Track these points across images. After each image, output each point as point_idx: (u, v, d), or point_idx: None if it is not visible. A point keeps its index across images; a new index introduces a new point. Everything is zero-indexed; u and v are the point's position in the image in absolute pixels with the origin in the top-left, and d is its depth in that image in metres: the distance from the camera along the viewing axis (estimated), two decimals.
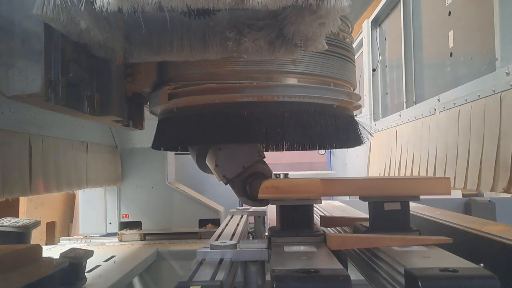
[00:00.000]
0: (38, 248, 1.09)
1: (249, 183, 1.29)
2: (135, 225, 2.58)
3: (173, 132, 1.26)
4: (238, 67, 1.18)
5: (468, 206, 2.36)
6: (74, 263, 1.39)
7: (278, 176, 1.56)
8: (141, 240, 2.49)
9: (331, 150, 4.47)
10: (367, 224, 1.12)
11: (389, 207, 1.05)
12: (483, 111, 1.57)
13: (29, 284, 1.00)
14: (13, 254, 0.99)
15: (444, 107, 1.93)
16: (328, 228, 1.37)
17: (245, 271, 1.06)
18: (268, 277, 1.08)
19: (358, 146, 1.37)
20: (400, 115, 2.59)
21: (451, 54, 1.99)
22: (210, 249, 1.06)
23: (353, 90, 1.38)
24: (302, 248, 0.99)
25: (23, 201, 2.67)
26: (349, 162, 4.18)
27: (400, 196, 1.06)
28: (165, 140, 1.32)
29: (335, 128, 1.21)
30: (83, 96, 1.08)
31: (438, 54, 2.15)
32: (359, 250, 1.07)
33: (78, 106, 1.06)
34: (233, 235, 1.39)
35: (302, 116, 1.16)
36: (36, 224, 1.50)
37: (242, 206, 1.98)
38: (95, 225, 2.54)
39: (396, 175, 2.48)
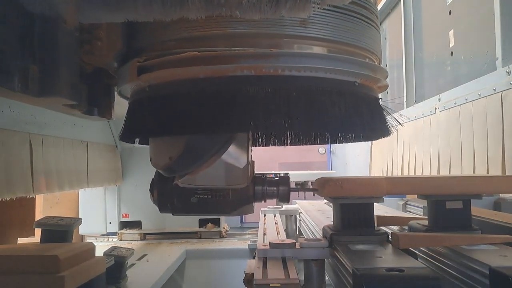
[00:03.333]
0: (92, 246, 1.11)
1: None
2: (135, 224, 2.58)
3: (143, 119, 0.96)
4: (228, 30, 0.88)
5: (497, 205, 2.33)
6: (119, 261, 1.42)
7: (278, 175, 1.46)
8: (141, 239, 2.49)
9: (331, 150, 4.47)
10: (424, 223, 1.10)
11: (451, 206, 1.03)
12: (484, 111, 1.56)
13: (85, 283, 1.02)
14: (72, 252, 1.01)
15: (444, 107, 1.92)
16: (389, 227, 1.33)
17: (306, 270, 1.05)
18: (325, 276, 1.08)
19: (360, 146, 1.31)
20: (400, 115, 2.59)
21: (451, 53, 1.99)
22: (270, 248, 1.05)
23: (379, 64, 1.09)
24: (368, 247, 0.96)
25: (39, 200, 2.68)
26: (350, 162, 4.17)
27: (463, 195, 1.03)
28: (134, 129, 1.00)
29: (358, 113, 0.93)
30: (13, 68, 0.79)
31: (439, 53, 2.15)
32: (419, 249, 1.05)
33: (3, 81, 0.77)
34: (277, 233, 1.39)
35: (314, 96, 0.88)
36: (79, 222, 1.50)
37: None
38: (95, 224, 2.55)
39: (400, 175, 2.48)
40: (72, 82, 0.92)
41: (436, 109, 2.02)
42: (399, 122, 1.11)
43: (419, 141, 2.19)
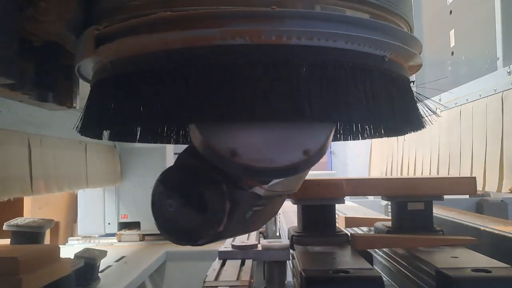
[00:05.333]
0: (56, 248, 1.09)
1: None
2: (134, 225, 2.57)
3: (103, 106, 0.74)
4: None
5: (480, 206, 2.35)
6: (89, 263, 1.39)
7: None
8: (140, 240, 2.48)
9: (331, 150, 4.46)
10: (388, 224, 1.11)
11: (412, 207, 1.04)
12: (484, 111, 1.56)
13: (48, 285, 1.00)
14: (34, 254, 0.99)
15: (445, 107, 1.92)
16: (353, 228, 1.36)
17: (268, 272, 1.05)
18: (289, 278, 1.07)
19: (361, 145, 1.25)
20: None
21: (452, 53, 1.98)
22: (232, 249, 1.05)
23: (411, 32, 0.84)
24: (326, 248, 0.98)
25: (27, 201, 2.67)
26: (350, 162, 4.17)
27: (424, 196, 1.05)
28: (94, 120, 0.76)
29: (389, 97, 0.70)
30: None
31: (439, 53, 2.14)
32: (382, 250, 1.07)
33: None
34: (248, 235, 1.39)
35: (331, 73, 0.66)
36: (51, 223, 1.50)
37: None
38: (94, 225, 2.54)
39: (399, 176, 2.47)
40: (10, 57, 0.71)
41: (436, 109, 2.01)
42: (434, 112, 0.89)
43: (419, 141, 2.19)
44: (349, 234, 1.06)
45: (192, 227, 0.73)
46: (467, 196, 2.66)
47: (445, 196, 1.06)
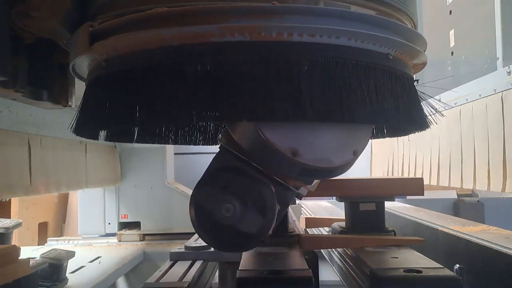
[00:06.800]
0: (15, 249, 1.09)
1: None
2: (134, 225, 2.57)
3: (97, 106, 0.69)
4: None
5: (457, 206, 2.38)
6: (54, 263, 1.40)
7: None
8: (140, 240, 2.48)
9: None
10: (343, 224, 1.12)
11: (364, 208, 1.05)
12: (484, 111, 1.56)
13: (5, 285, 1.00)
14: None
15: (445, 107, 1.92)
16: (313, 229, 1.37)
17: (220, 272, 1.05)
18: None
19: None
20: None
21: (452, 53, 1.98)
22: (184, 250, 1.04)
23: (415, 28, 0.83)
24: (275, 249, 0.97)
25: (14, 201, 2.67)
26: None
27: (375, 197, 1.06)
28: (89, 120, 0.72)
29: (393, 96, 0.68)
30: None
31: (439, 53, 2.14)
32: (337, 251, 1.08)
33: None
34: None
35: (334, 71, 0.62)
36: (17, 225, 1.51)
37: None
38: (94, 225, 2.54)
39: (400, 176, 2.47)
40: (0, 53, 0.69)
41: (437, 109, 2.01)
42: (439, 111, 0.88)
43: (420, 141, 2.19)
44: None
45: (250, 232, 0.69)
46: (446, 197, 2.69)
47: (423, 197, 1.07)
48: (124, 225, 2.58)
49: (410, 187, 1.08)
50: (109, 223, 2.54)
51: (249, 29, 0.59)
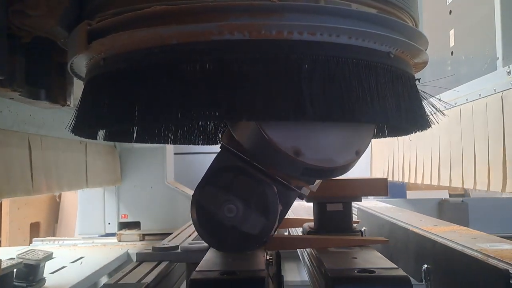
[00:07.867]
0: None
1: None
2: (134, 225, 2.57)
3: (95, 105, 0.68)
4: None
5: (441, 206, 2.39)
6: (29, 264, 1.39)
7: None
8: (140, 240, 2.48)
9: None
10: (312, 225, 1.12)
11: (331, 208, 1.05)
12: (484, 111, 1.56)
13: None
14: None
15: (445, 107, 1.92)
16: (288, 229, 1.38)
17: (188, 273, 1.03)
18: None
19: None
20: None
21: (452, 53, 1.98)
22: (152, 251, 1.03)
23: (416, 27, 0.82)
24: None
25: (5, 202, 2.66)
26: None
27: (342, 197, 1.06)
28: (88, 119, 0.71)
29: (394, 96, 0.67)
30: None
31: (439, 53, 2.14)
32: (306, 251, 1.08)
33: None
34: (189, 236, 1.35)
35: (335, 70, 0.61)
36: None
37: None
38: (94, 225, 2.54)
39: (400, 177, 2.47)
40: None
41: (437, 108, 2.01)
42: (441, 111, 0.87)
43: (420, 141, 2.19)
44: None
45: (252, 232, 0.69)
46: (431, 197, 2.70)
47: (409, 196, 1.07)
48: (124, 225, 2.58)
49: (375, 188, 1.08)
50: (109, 223, 2.54)
51: (248, 27, 0.59)
